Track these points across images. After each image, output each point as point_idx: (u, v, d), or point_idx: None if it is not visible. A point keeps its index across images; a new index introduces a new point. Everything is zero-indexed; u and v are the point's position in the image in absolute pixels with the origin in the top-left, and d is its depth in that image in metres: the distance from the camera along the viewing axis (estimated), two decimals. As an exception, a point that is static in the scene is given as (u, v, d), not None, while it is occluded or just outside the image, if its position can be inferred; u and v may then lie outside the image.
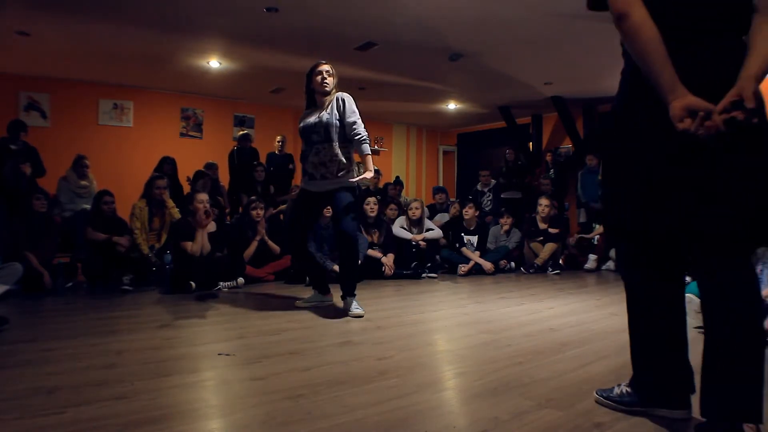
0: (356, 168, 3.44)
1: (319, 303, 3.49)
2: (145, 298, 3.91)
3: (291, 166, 7.41)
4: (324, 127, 3.20)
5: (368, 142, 3.23)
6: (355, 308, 3.17)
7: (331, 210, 3.56)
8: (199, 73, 6.70)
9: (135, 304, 3.67)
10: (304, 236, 3.45)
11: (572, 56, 5.92)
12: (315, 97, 3.31)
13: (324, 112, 3.22)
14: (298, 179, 7.58)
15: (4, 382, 1.83)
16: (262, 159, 7.14)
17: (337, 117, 3.20)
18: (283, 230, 5.38)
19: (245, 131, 7.68)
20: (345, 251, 3.29)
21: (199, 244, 4.15)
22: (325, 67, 3.26)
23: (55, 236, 4.61)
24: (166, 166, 5.97)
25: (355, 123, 3.20)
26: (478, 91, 7.72)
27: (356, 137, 3.20)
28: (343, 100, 3.22)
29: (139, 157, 7.18)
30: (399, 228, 5.57)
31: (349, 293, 3.27)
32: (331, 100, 3.24)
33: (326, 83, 3.24)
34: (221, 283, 4.33)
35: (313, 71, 3.28)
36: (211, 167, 6.49)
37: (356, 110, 3.25)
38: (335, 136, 3.20)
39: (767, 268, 2.93)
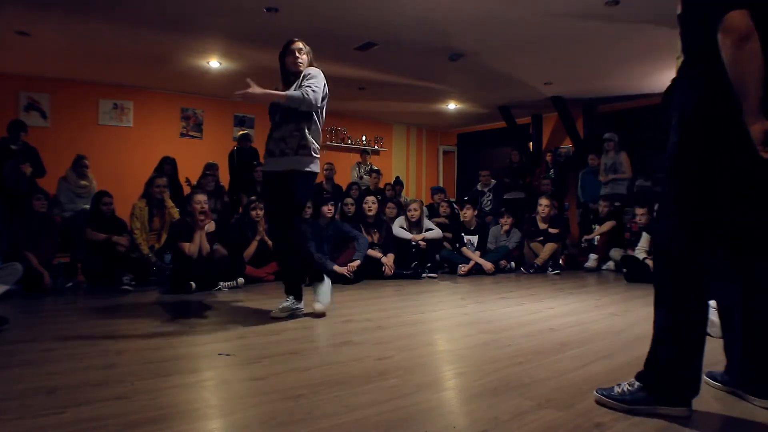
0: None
1: (294, 312, 3.11)
2: (145, 298, 3.91)
3: (291, 166, 7.40)
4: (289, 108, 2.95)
5: (307, 97, 2.87)
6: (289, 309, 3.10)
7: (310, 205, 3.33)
8: (199, 73, 6.71)
9: (135, 304, 3.67)
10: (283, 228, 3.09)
11: (572, 56, 5.92)
12: (289, 78, 3.09)
13: (290, 89, 2.98)
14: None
15: (4, 382, 1.83)
16: (262, 159, 7.13)
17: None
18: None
19: (245, 131, 7.68)
20: (289, 248, 3.09)
21: (197, 245, 4.15)
22: (297, 46, 3.06)
23: (55, 236, 4.61)
24: (167, 167, 5.98)
25: (308, 86, 2.91)
26: (478, 91, 7.72)
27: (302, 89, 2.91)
28: (308, 73, 2.99)
29: (139, 157, 7.18)
30: (399, 228, 5.57)
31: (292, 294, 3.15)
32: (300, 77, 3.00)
33: (300, 62, 3.04)
34: (221, 283, 4.33)
35: (285, 53, 3.09)
36: (211, 167, 6.50)
37: (320, 81, 2.96)
38: (298, 114, 2.96)
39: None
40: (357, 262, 4.78)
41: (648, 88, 7.17)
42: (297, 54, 3.05)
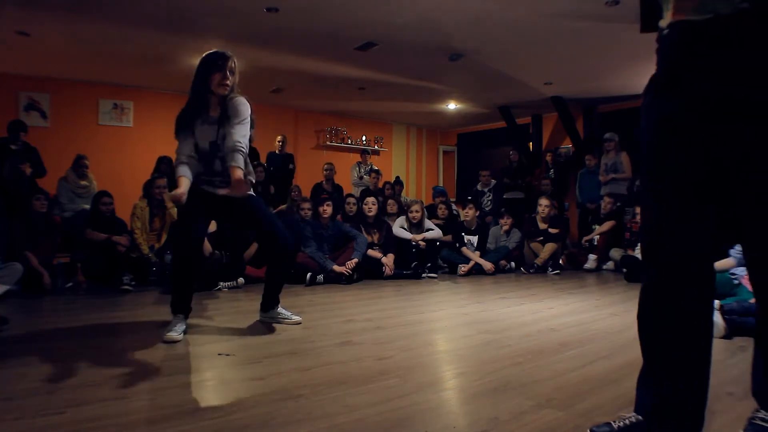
0: None
1: (185, 331, 2.63)
2: (145, 298, 3.91)
3: (291, 166, 7.42)
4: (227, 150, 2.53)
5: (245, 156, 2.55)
6: (293, 315, 2.94)
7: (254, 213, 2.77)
8: (199, 73, 6.70)
9: (135, 304, 3.67)
10: (201, 242, 2.77)
11: (572, 56, 5.92)
12: (206, 97, 2.58)
13: (222, 128, 2.57)
14: (298, 179, 7.60)
15: (4, 382, 1.83)
16: (263, 159, 7.15)
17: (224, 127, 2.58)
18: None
19: (245, 132, 7.66)
20: (284, 259, 2.86)
21: None
22: (231, 64, 2.54)
23: (55, 236, 4.61)
24: (163, 166, 5.98)
25: (241, 144, 2.50)
26: (478, 91, 7.72)
27: (236, 155, 2.48)
28: (239, 108, 2.59)
29: (139, 157, 7.17)
30: (399, 228, 5.57)
31: (277, 304, 2.95)
32: (228, 107, 2.58)
33: (228, 85, 2.54)
34: (221, 283, 4.33)
35: (213, 67, 2.52)
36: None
37: (248, 125, 2.60)
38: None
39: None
40: (355, 260, 4.78)
41: (648, 88, 7.17)
42: (228, 74, 2.54)
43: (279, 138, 7.32)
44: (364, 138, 9.81)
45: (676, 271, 1.33)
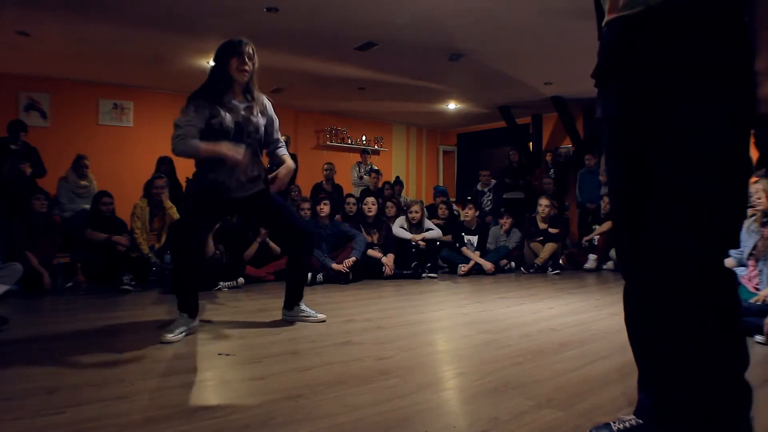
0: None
1: (188, 330, 2.63)
2: (145, 298, 3.91)
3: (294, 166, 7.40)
4: (256, 137, 2.74)
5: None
6: (317, 313, 2.98)
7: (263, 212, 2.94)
8: (200, 73, 6.68)
9: (135, 304, 3.67)
10: (203, 243, 2.88)
11: (572, 56, 5.92)
12: (227, 82, 2.66)
13: (252, 115, 2.68)
14: (299, 179, 7.59)
15: (4, 382, 1.83)
16: (264, 159, 7.13)
17: (264, 123, 2.78)
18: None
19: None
20: (306, 251, 2.96)
21: None
22: (249, 50, 2.60)
23: (55, 236, 4.61)
24: (163, 167, 5.97)
25: (280, 138, 2.94)
26: (478, 91, 7.72)
27: (281, 149, 2.96)
28: (270, 106, 2.82)
29: (139, 157, 7.17)
30: (399, 228, 5.57)
31: (300, 299, 2.99)
32: (255, 97, 2.72)
33: (248, 71, 2.61)
34: (221, 283, 4.33)
35: (231, 52, 2.59)
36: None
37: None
38: (260, 144, 2.84)
39: (767, 268, 2.93)
40: (353, 259, 4.78)
41: (648, 88, 7.16)
42: (247, 60, 2.59)
43: (283, 138, 7.31)
44: (364, 138, 9.80)
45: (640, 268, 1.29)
